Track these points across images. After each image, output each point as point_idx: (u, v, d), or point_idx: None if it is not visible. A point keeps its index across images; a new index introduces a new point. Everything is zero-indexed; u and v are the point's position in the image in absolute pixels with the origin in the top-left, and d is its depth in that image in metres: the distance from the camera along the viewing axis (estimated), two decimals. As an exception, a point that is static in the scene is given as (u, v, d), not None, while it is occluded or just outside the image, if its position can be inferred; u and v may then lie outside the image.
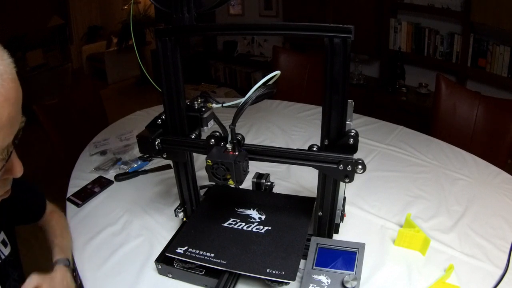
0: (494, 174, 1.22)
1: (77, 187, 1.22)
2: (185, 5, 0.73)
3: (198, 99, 0.84)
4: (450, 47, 2.58)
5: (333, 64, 0.66)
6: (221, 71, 4.22)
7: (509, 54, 2.27)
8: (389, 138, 1.49)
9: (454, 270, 0.82)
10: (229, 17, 3.94)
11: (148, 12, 4.65)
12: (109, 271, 0.88)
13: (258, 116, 1.73)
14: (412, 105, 2.67)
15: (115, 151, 1.43)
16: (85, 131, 1.63)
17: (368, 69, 3.14)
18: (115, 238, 0.99)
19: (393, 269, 0.85)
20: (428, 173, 1.24)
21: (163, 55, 0.77)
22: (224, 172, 0.72)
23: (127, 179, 1.26)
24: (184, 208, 0.96)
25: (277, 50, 2.32)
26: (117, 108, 2.84)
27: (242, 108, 0.70)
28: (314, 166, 0.76)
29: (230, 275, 0.78)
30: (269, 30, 0.70)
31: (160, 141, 0.83)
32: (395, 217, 1.03)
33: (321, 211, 0.82)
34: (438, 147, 1.41)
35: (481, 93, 1.74)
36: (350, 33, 0.63)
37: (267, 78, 0.71)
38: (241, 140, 0.78)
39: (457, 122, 1.66)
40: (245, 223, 0.89)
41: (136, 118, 1.77)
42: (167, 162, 1.32)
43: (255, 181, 1.05)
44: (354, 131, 0.73)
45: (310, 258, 0.79)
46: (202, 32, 0.76)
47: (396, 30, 2.81)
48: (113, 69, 4.96)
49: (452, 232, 0.97)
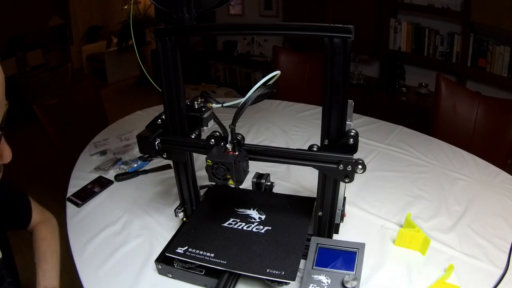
0: (494, 174, 1.22)
1: (77, 187, 1.21)
2: (185, 5, 0.73)
3: (198, 99, 0.84)
4: (450, 47, 2.58)
5: (333, 64, 0.66)
6: (221, 71, 4.22)
7: (509, 54, 2.27)
8: (389, 138, 1.49)
9: (454, 270, 0.82)
10: (229, 17, 3.94)
11: (148, 12, 4.65)
12: (109, 271, 0.88)
13: (258, 116, 1.73)
14: (412, 105, 2.67)
15: (115, 151, 1.43)
16: (85, 131, 1.63)
17: (368, 69, 3.14)
18: (115, 238, 0.99)
19: (393, 269, 0.85)
20: (428, 173, 1.24)
21: (163, 55, 0.77)
22: (224, 172, 0.72)
23: (127, 179, 1.26)
24: (184, 208, 0.96)
25: (277, 50, 2.32)
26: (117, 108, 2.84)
27: (242, 108, 0.70)
28: (314, 166, 0.76)
29: (230, 275, 0.78)
30: (269, 30, 0.70)
31: (160, 141, 0.83)
32: (395, 217, 1.03)
33: (321, 211, 0.82)
34: (438, 147, 1.41)
35: (481, 93, 1.74)
36: (350, 33, 0.63)
37: (267, 78, 0.71)
38: (241, 140, 0.78)
39: (457, 122, 1.66)
40: (245, 223, 0.89)
41: (136, 118, 1.77)
42: (167, 162, 1.32)
43: (255, 181, 1.05)
44: (354, 131, 0.73)
45: (310, 258, 0.79)
46: (202, 32, 0.76)
47: (396, 30, 2.81)
48: (113, 69, 4.96)
49: (452, 232, 0.97)
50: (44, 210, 1.03)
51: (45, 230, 0.97)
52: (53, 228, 1.01)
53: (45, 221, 1.00)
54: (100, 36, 5.48)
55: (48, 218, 1.02)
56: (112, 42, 5.15)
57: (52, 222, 1.02)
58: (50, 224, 1.01)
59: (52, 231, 0.99)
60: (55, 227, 1.02)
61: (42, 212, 1.01)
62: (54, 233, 1.00)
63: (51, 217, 1.04)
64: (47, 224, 1.00)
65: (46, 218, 1.01)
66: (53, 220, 1.03)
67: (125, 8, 4.95)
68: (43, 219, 1.00)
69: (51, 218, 1.03)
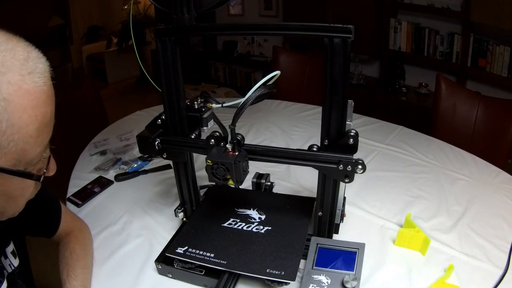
0: (494, 174, 1.22)
1: (77, 187, 1.21)
2: (185, 5, 0.73)
3: (198, 99, 0.84)
4: (450, 47, 2.58)
5: (333, 64, 0.66)
6: (221, 71, 4.22)
7: (509, 54, 2.27)
8: (389, 138, 1.49)
9: (454, 270, 0.82)
10: (229, 17, 3.94)
11: (148, 12, 4.65)
12: (109, 271, 0.88)
13: (258, 116, 1.73)
14: (412, 105, 2.67)
15: (115, 151, 1.43)
16: (85, 131, 1.63)
17: (368, 69, 3.14)
18: (115, 238, 0.99)
19: (393, 269, 0.85)
20: (428, 173, 1.24)
21: (163, 55, 0.77)
22: (224, 172, 0.72)
23: (127, 179, 1.26)
24: (184, 208, 0.96)
25: (277, 50, 2.32)
26: (117, 108, 2.83)
27: (242, 108, 0.70)
28: (314, 166, 0.76)
29: (230, 275, 0.78)
30: (269, 30, 0.70)
31: (160, 141, 0.83)
32: (395, 217, 1.03)
33: (321, 211, 0.82)
34: (438, 147, 1.41)
35: (481, 93, 1.74)
36: (350, 33, 0.63)
37: (267, 78, 0.71)
38: (241, 140, 0.78)
39: (457, 122, 1.66)
40: (245, 223, 0.89)
41: (136, 118, 1.77)
42: (167, 162, 1.32)
43: (255, 181, 1.05)
44: (354, 131, 0.73)
45: (310, 258, 0.79)
46: (202, 32, 0.76)
47: (396, 30, 2.81)
48: (113, 69, 4.96)
49: (452, 232, 0.97)
50: (76, 219, 0.94)
51: (74, 243, 0.86)
52: (85, 241, 0.90)
53: (75, 232, 0.90)
54: (100, 36, 5.47)
55: (79, 228, 0.92)
56: (112, 42, 5.14)
57: (84, 234, 0.92)
58: (82, 236, 0.90)
59: (84, 244, 0.88)
60: (87, 239, 0.91)
61: (72, 221, 0.92)
62: (85, 245, 0.88)
63: (83, 227, 0.94)
64: (78, 235, 0.89)
65: (77, 227, 0.91)
66: (85, 231, 0.94)
67: (125, 8, 4.95)
68: (73, 229, 0.89)
69: (83, 228, 0.94)
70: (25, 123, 0.45)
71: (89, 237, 0.94)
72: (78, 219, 0.97)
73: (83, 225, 0.96)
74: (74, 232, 0.90)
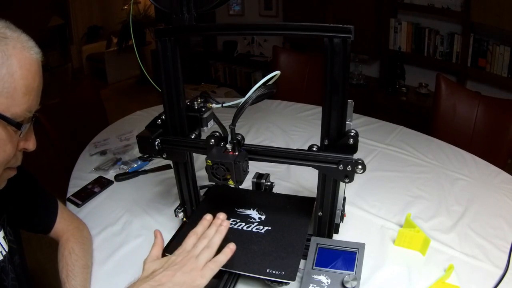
0: (494, 174, 1.22)
1: (77, 187, 1.21)
2: (185, 5, 0.73)
3: (198, 99, 0.84)
4: (450, 47, 2.58)
5: (333, 64, 0.66)
6: (221, 71, 4.22)
7: (509, 54, 2.27)
8: (389, 138, 1.49)
9: (454, 270, 0.82)
10: (229, 17, 3.94)
11: (148, 12, 4.65)
12: (109, 271, 0.88)
13: (258, 116, 1.73)
14: (412, 105, 2.67)
15: (115, 151, 1.43)
16: (85, 131, 1.63)
17: (368, 69, 3.14)
18: (115, 238, 0.99)
19: (393, 269, 0.85)
20: (428, 173, 1.24)
21: (163, 55, 0.77)
22: (224, 172, 0.72)
23: (127, 179, 1.26)
24: (184, 208, 0.96)
25: (277, 50, 2.32)
26: (117, 108, 2.84)
27: (242, 108, 0.70)
28: (314, 166, 0.76)
29: (230, 275, 0.78)
30: (269, 30, 0.70)
31: (160, 141, 0.83)
32: (395, 217, 1.03)
33: (321, 211, 0.82)
34: (438, 147, 1.41)
35: (481, 93, 1.74)
36: (350, 33, 0.63)
37: (267, 78, 0.71)
38: (241, 140, 0.78)
39: (457, 122, 1.66)
40: (245, 223, 0.89)
41: (136, 118, 1.77)
42: (167, 162, 1.32)
43: (255, 181, 1.05)
44: (354, 131, 0.73)
45: (310, 258, 0.79)
46: (202, 32, 0.76)
47: (396, 30, 2.81)
48: (113, 69, 4.95)
49: (452, 232, 0.97)
50: (74, 219, 0.95)
51: (73, 242, 0.88)
52: (84, 240, 0.91)
53: (74, 231, 0.91)
54: (100, 36, 5.46)
55: (77, 227, 0.93)
56: (112, 42, 5.14)
57: (82, 233, 0.93)
58: (80, 235, 0.92)
59: (82, 243, 0.90)
60: (86, 239, 0.92)
61: (70, 220, 0.93)
62: (84, 245, 0.90)
63: (81, 226, 0.96)
64: (76, 234, 0.91)
65: (74, 227, 0.92)
66: (84, 230, 0.95)
67: (125, 8, 4.95)
68: (71, 228, 0.91)
69: (81, 227, 0.95)
70: (19, 77, 0.57)
71: (88, 236, 0.95)
72: (76, 218, 0.98)
73: (82, 224, 0.97)
74: (72, 231, 0.91)
